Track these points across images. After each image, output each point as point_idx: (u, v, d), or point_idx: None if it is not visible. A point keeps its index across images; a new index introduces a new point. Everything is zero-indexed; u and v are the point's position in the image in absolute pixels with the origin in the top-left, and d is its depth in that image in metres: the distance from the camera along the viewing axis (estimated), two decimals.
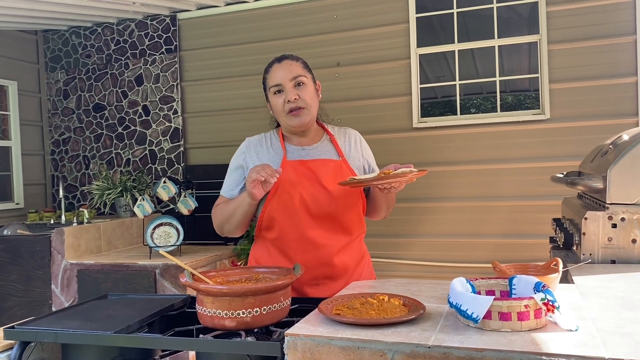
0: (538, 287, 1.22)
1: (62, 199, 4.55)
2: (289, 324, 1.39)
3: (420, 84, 4.24)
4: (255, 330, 1.41)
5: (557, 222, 2.46)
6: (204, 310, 1.36)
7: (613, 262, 1.81)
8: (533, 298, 1.14)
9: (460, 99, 4.22)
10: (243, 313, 1.33)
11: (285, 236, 1.84)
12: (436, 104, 4.42)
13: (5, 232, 4.23)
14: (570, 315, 1.22)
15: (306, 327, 1.22)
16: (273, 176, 1.66)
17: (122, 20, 5.09)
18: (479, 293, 1.34)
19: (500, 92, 4.12)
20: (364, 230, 1.98)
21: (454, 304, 1.21)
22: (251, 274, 1.59)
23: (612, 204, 1.82)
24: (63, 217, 4.52)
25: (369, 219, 2.02)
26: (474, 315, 1.14)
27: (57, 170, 5.35)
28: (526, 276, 1.31)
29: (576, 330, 1.12)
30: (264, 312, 1.35)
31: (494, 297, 1.14)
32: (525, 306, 1.13)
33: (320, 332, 1.18)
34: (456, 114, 4.21)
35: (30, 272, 3.88)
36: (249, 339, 1.35)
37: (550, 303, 1.14)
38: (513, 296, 1.31)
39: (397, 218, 4.20)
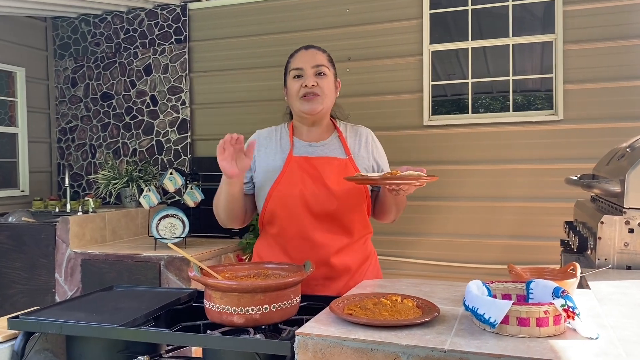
0: (557, 293, 1.18)
1: (68, 188, 4.53)
2: (298, 322, 1.36)
3: (431, 81, 4.19)
4: (264, 327, 1.39)
5: (570, 225, 2.42)
6: (212, 306, 1.33)
7: (629, 267, 1.78)
8: (553, 304, 1.11)
9: (472, 98, 4.17)
10: (252, 310, 1.30)
11: (285, 233, 1.82)
12: (447, 102, 4.37)
13: (10, 219, 4.23)
14: (590, 322, 1.18)
15: (317, 327, 1.19)
16: (230, 141, 1.60)
17: (132, 9, 5.05)
18: (495, 296, 1.30)
19: (513, 91, 4.07)
20: (369, 231, 1.94)
21: (471, 307, 1.17)
22: (260, 269, 1.56)
23: (629, 208, 1.79)
24: (68, 206, 4.50)
25: (378, 221, 1.98)
26: (492, 320, 1.11)
27: (63, 159, 5.33)
28: (544, 281, 1.27)
29: (597, 338, 1.09)
30: (274, 310, 1.32)
31: (512, 301, 1.11)
32: (545, 312, 1.10)
33: (332, 332, 1.15)
34: (467, 113, 4.16)
35: (35, 260, 3.87)
36: (257, 336, 1.32)
37: (571, 310, 1.10)
38: (530, 301, 1.27)
39: (406, 216, 4.14)
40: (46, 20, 5.32)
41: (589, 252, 1.97)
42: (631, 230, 1.78)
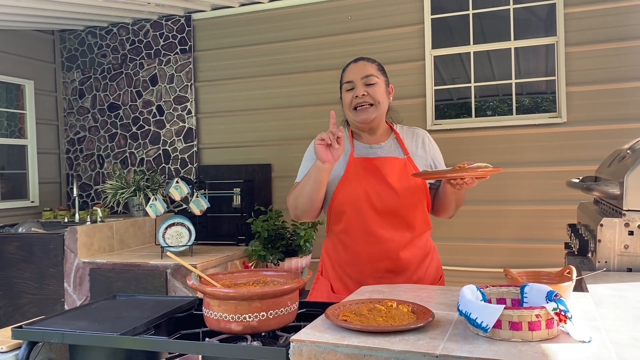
0: (550, 296, 1.19)
1: (76, 198, 4.59)
2: (296, 328, 1.37)
3: (434, 85, 4.20)
4: (262, 334, 1.40)
5: (573, 227, 2.41)
6: (211, 314, 1.35)
7: (629, 270, 1.77)
8: (545, 307, 1.11)
9: (475, 101, 4.17)
10: (249, 317, 1.31)
11: (351, 229, 1.91)
12: (451, 106, 4.38)
13: (19, 230, 4.28)
14: (583, 325, 1.18)
15: (312, 333, 1.20)
16: (334, 139, 1.72)
17: (137, 21, 5.12)
18: (490, 301, 1.31)
19: (516, 94, 4.07)
20: (429, 227, 2.02)
21: (464, 312, 1.18)
22: (259, 277, 1.57)
23: (629, 210, 1.78)
24: (77, 216, 4.55)
25: (437, 217, 2.06)
26: (484, 324, 1.12)
27: (71, 169, 5.39)
28: (538, 284, 1.27)
29: (589, 341, 1.09)
30: (271, 317, 1.33)
31: (504, 306, 1.12)
32: (537, 316, 1.10)
33: (326, 339, 1.16)
34: (471, 116, 4.16)
35: (44, 270, 3.92)
36: (255, 343, 1.34)
37: (563, 313, 1.11)
38: (525, 305, 1.28)
39: None
40: (54, 34, 5.40)
41: (590, 255, 1.97)
42: (631, 233, 1.78)
